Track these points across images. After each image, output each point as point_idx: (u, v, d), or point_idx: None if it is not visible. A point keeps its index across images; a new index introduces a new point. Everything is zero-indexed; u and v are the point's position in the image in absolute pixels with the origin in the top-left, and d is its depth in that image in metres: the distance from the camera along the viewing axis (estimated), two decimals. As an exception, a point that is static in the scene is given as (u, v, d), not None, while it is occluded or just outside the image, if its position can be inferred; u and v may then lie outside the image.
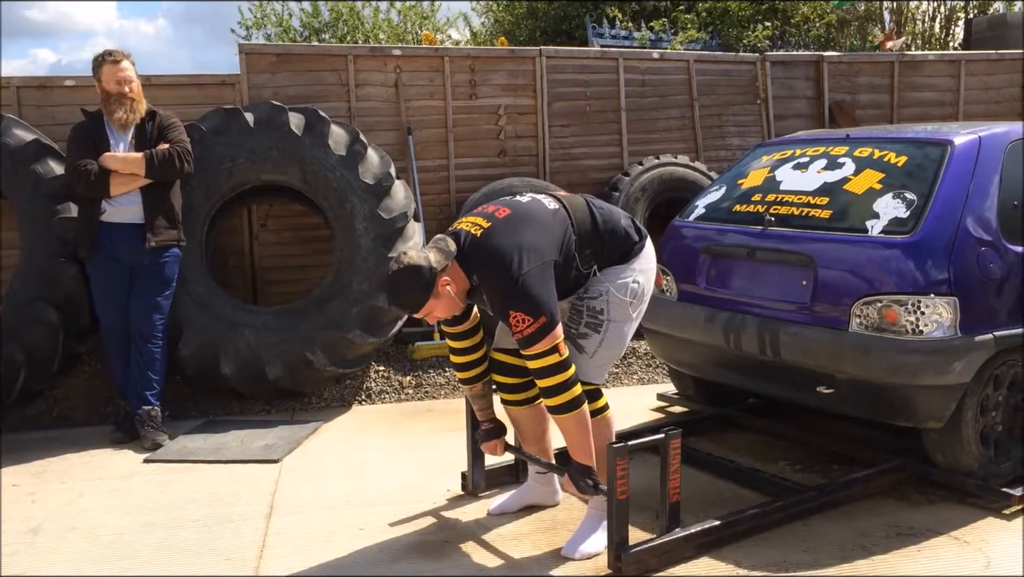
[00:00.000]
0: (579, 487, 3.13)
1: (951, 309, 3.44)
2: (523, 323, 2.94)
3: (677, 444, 3.06)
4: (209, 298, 5.01)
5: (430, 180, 6.35)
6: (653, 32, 9.62)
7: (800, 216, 3.93)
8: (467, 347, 3.40)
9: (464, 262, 3.06)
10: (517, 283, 2.95)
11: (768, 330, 3.81)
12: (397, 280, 2.97)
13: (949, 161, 3.72)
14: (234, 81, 5.90)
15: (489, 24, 14.36)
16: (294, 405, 5.18)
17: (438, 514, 3.62)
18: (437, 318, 3.13)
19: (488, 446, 3.53)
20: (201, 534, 3.46)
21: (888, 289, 3.51)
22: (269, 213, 6.03)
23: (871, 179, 3.87)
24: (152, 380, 4.61)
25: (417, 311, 3.03)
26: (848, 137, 4.30)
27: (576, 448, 3.11)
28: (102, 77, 4.54)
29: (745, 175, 4.47)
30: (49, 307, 4.74)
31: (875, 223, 3.66)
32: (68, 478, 4.10)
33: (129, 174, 4.47)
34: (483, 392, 3.50)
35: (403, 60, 6.31)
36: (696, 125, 7.13)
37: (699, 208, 4.52)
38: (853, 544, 3.28)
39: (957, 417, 3.54)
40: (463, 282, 3.08)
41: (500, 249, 3.01)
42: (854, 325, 3.57)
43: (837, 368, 3.60)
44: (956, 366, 3.44)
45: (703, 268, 4.27)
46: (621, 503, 2.98)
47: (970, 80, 7.81)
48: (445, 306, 3.05)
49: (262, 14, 13.82)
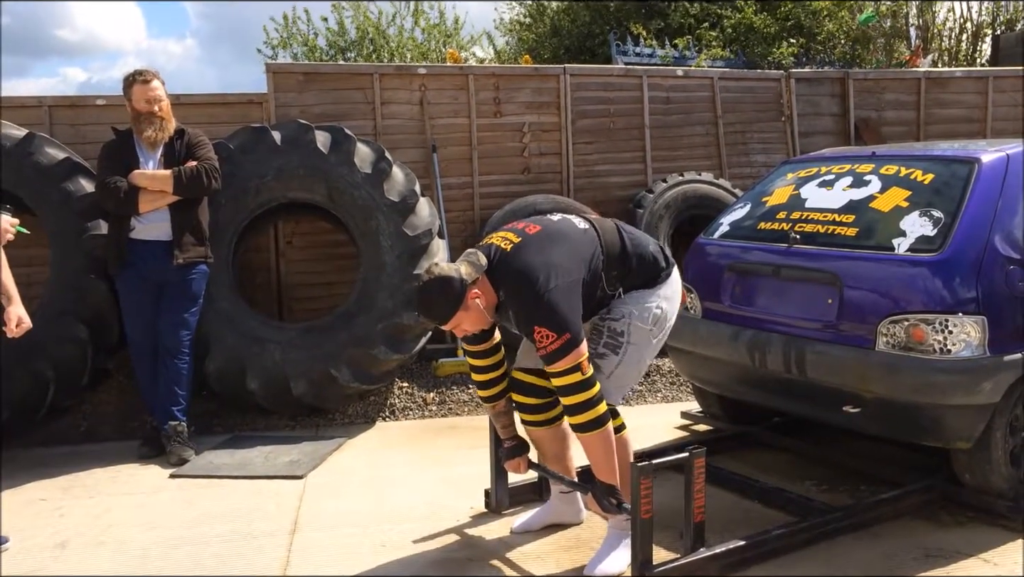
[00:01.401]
0: (603, 506, 3.12)
1: (979, 328, 3.40)
2: (547, 339, 2.95)
3: (702, 463, 3.04)
4: (235, 314, 5.05)
5: (454, 197, 6.38)
6: (677, 49, 9.63)
7: (826, 234, 3.90)
8: (488, 365, 3.40)
9: (493, 276, 3.08)
10: (543, 299, 2.96)
11: (794, 348, 3.79)
12: (427, 291, 2.99)
13: (976, 179, 3.68)
14: (261, 100, 5.98)
15: (513, 42, 14.45)
16: (318, 421, 5.20)
17: (461, 531, 3.62)
18: (464, 332, 3.14)
19: (511, 464, 3.53)
20: (226, 549, 3.48)
21: (915, 308, 3.47)
22: (295, 230, 6.08)
23: (897, 197, 3.84)
24: (179, 395, 4.65)
25: (445, 323, 3.04)
26: (874, 155, 4.28)
27: (600, 467, 3.10)
28: (132, 96, 4.60)
29: (770, 192, 4.45)
30: (78, 323, 4.80)
31: (902, 241, 3.63)
32: (95, 493, 4.14)
33: (158, 191, 4.53)
34: (505, 409, 3.50)
35: (428, 78, 6.35)
36: (720, 142, 7.13)
37: (723, 225, 4.51)
38: (880, 566, 3.23)
39: (986, 437, 3.49)
40: (492, 296, 3.09)
41: (529, 265, 3.02)
42: (881, 344, 3.54)
43: (864, 387, 3.56)
44: (985, 386, 3.40)
45: (728, 286, 4.25)
46: (645, 522, 2.96)
47: (998, 96, 7.74)
48: (473, 319, 3.06)
49: (288, 34, 13.97)
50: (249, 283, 5.91)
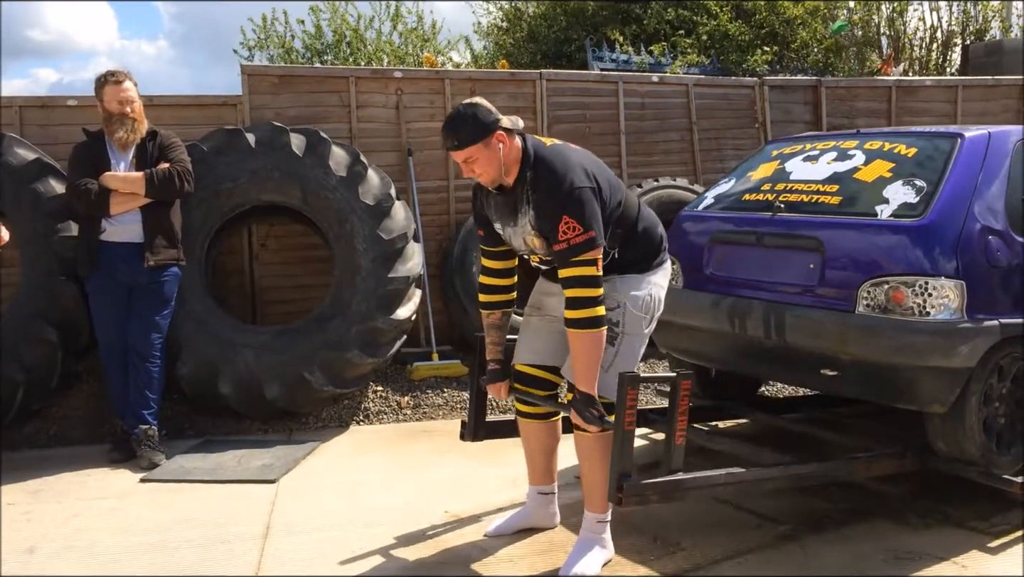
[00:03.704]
0: (584, 417, 3.08)
1: (958, 292, 3.47)
2: (573, 231, 2.98)
3: (688, 385, 3.05)
4: (208, 317, 5.01)
5: (430, 201, 6.37)
6: (653, 56, 9.69)
7: (809, 203, 3.98)
8: (499, 269, 3.40)
9: (526, 155, 3.11)
10: (576, 191, 3.01)
11: (774, 313, 3.84)
12: (461, 111, 3.06)
13: (959, 152, 3.79)
14: (236, 102, 5.94)
15: (490, 47, 14.45)
16: (292, 425, 5.17)
17: (435, 536, 3.61)
18: (472, 172, 3.12)
19: (493, 388, 3.48)
20: (197, 555, 3.45)
21: (896, 270, 3.54)
22: (269, 233, 6.04)
23: (881, 168, 3.93)
24: (149, 399, 4.61)
25: (464, 146, 3.04)
26: (859, 132, 4.39)
27: (582, 374, 3.09)
28: (104, 97, 4.56)
29: (755, 168, 4.53)
30: (48, 325, 4.75)
31: (884, 208, 3.71)
32: (64, 497, 4.09)
33: (129, 193, 4.49)
34: (500, 323, 3.46)
35: (404, 82, 6.35)
36: (695, 148, 7.17)
37: (708, 199, 4.57)
38: (851, 568, 3.27)
39: (961, 404, 3.53)
40: (516, 152, 3.10)
41: (566, 160, 3.10)
42: (861, 307, 3.60)
43: (842, 349, 3.61)
44: (962, 349, 3.45)
45: (711, 255, 4.29)
46: (627, 433, 2.97)
47: (967, 105, 7.85)
48: (488, 161, 3.06)
49: (265, 35, 13.89)
50: (222, 286, 5.87)
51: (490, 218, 3.30)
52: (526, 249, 3.24)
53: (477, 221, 3.41)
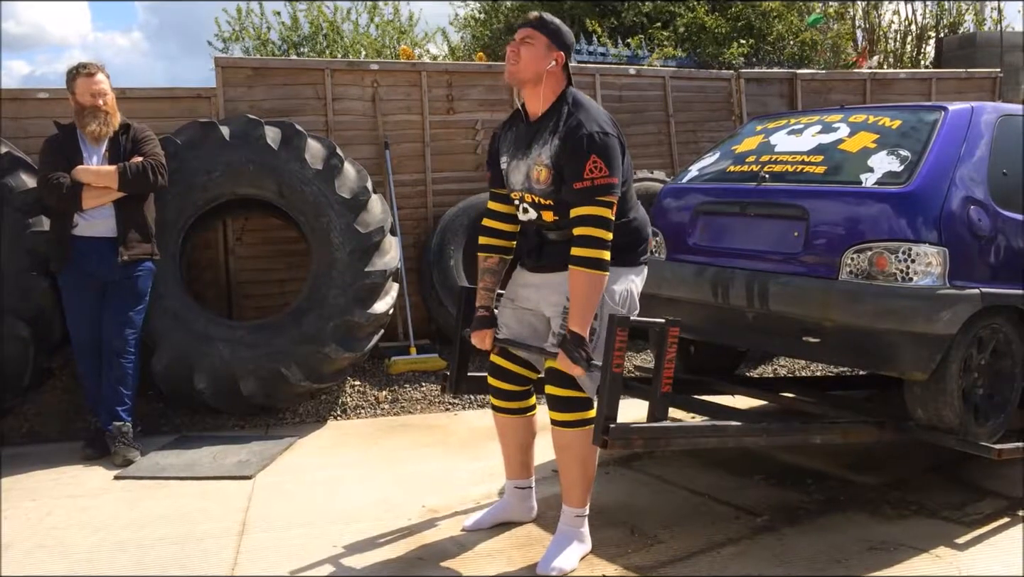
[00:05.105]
0: (572, 357, 3.04)
1: (940, 259, 3.52)
2: (599, 171, 3.02)
3: (675, 332, 3.03)
4: (183, 312, 4.96)
5: (407, 194, 6.34)
6: (630, 48, 9.69)
7: (794, 172, 4.02)
8: (504, 212, 3.42)
9: (564, 94, 3.18)
10: (609, 136, 3.08)
11: (757, 281, 3.86)
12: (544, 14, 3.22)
13: (943, 124, 3.85)
14: (210, 95, 5.88)
15: (468, 39, 14.40)
16: (268, 420, 5.13)
17: (413, 531, 3.60)
18: (516, 54, 3.16)
19: (478, 335, 3.42)
20: (171, 552, 3.42)
21: (880, 237, 3.58)
22: (245, 227, 6.00)
23: (866, 139, 3.98)
24: (124, 395, 4.56)
25: (536, 30, 3.16)
26: (843, 107, 4.45)
27: (577, 313, 3.06)
28: (76, 89, 4.50)
29: (739, 143, 4.57)
30: (20, 321, 4.68)
31: (869, 176, 3.76)
32: (37, 495, 4.04)
33: (102, 187, 4.44)
34: (495, 268, 3.45)
35: (381, 75, 6.31)
36: (672, 141, 7.19)
37: (692, 172, 4.60)
38: (828, 558, 3.29)
39: (942, 370, 3.55)
40: (558, 84, 3.19)
41: (604, 113, 3.20)
42: (844, 273, 3.63)
43: (825, 316, 3.64)
44: (944, 315, 3.48)
45: (694, 226, 4.31)
46: (615, 376, 2.94)
47: (940, 98, 7.92)
48: (534, 58, 3.14)
49: (240, 27, 13.76)
50: (197, 280, 5.82)
51: (500, 153, 3.34)
52: (524, 184, 3.22)
53: (489, 163, 3.44)
